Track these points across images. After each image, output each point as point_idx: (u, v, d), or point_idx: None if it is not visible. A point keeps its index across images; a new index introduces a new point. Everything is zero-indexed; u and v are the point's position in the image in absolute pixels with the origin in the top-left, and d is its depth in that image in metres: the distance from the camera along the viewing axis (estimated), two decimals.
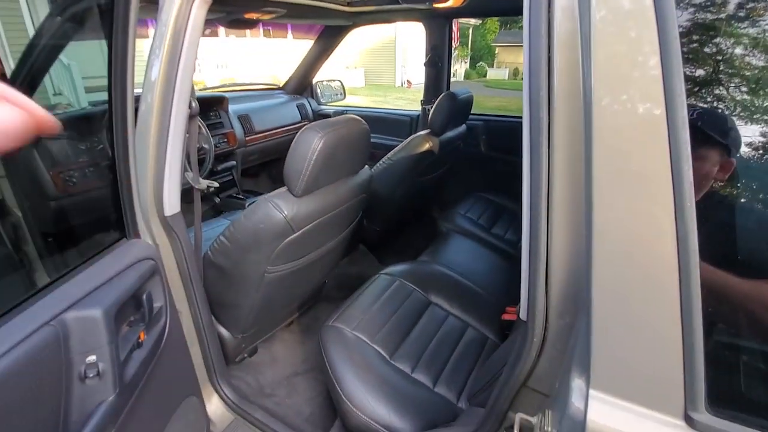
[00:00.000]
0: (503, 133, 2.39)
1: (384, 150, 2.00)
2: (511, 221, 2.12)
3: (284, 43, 11.62)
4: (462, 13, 2.38)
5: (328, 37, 2.54)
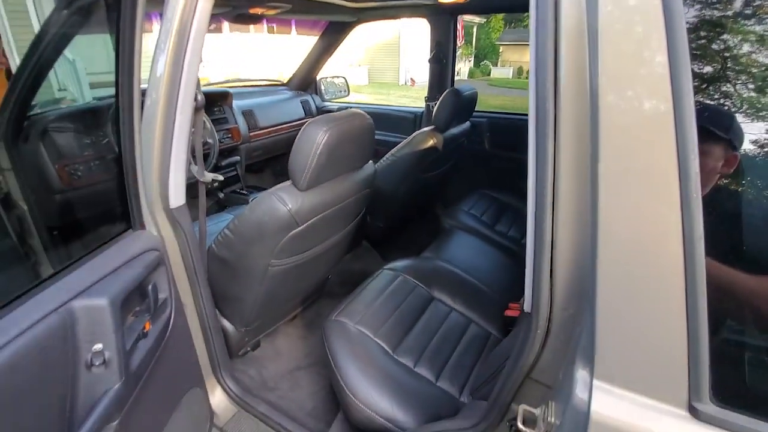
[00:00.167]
0: (507, 131, 2.39)
1: (387, 147, 2.00)
2: (514, 218, 2.12)
3: (288, 40, 11.60)
4: (467, 9, 2.38)
5: (333, 34, 2.54)
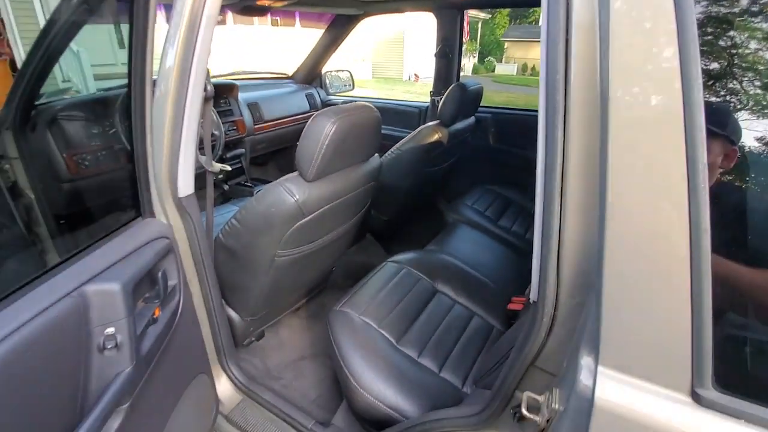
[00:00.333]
0: (512, 126, 2.39)
1: (392, 141, 2.00)
2: (518, 214, 2.12)
3: (292, 32, 11.53)
4: (474, 4, 2.37)
5: (339, 27, 2.54)
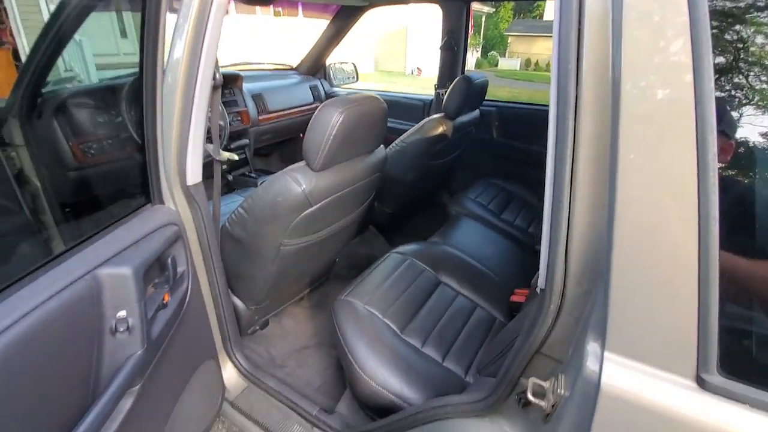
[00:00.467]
0: (516, 121, 2.39)
1: (396, 134, 2.00)
2: (520, 208, 2.13)
3: (295, 23, 11.45)
4: None
5: (343, 18, 2.53)
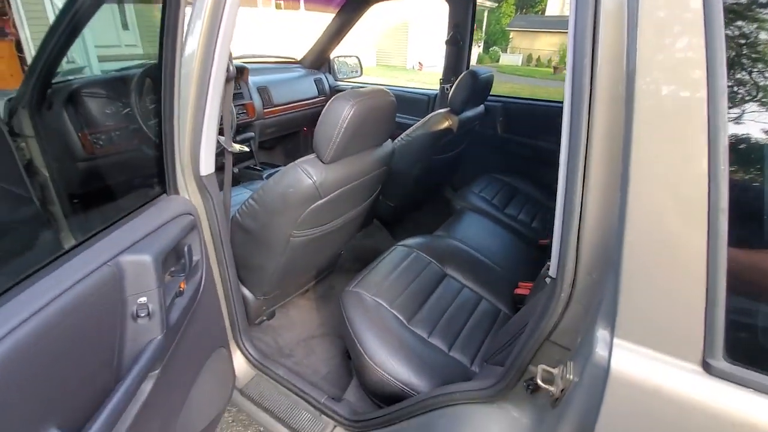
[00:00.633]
0: (521, 116, 2.40)
1: (401, 128, 2.01)
2: (524, 203, 2.15)
3: (295, 15, 11.35)
4: None
5: (349, 12, 2.53)
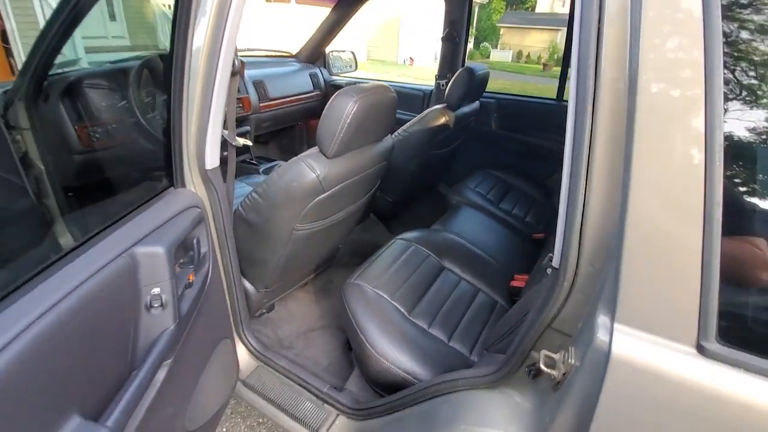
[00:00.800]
0: (516, 113, 2.43)
1: (397, 124, 2.03)
2: (518, 198, 2.19)
3: (286, 9, 11.17)
4: None
5: (345, 6, 2.53)
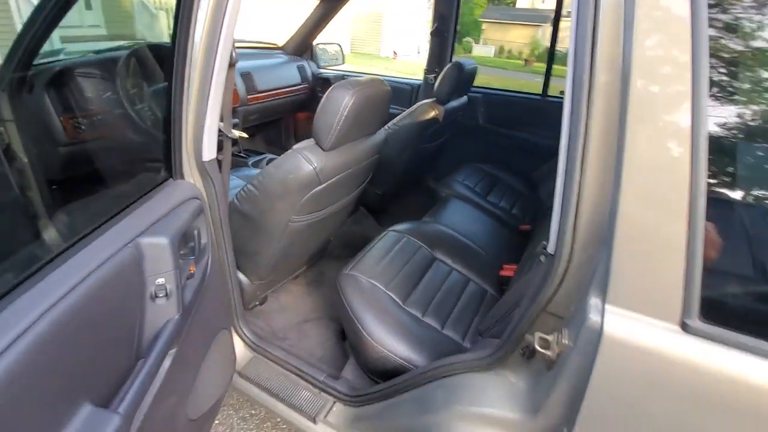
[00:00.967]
0: (502, 107, 2.48)
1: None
2: (504, 191, 2.25)
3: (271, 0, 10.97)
4: None
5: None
